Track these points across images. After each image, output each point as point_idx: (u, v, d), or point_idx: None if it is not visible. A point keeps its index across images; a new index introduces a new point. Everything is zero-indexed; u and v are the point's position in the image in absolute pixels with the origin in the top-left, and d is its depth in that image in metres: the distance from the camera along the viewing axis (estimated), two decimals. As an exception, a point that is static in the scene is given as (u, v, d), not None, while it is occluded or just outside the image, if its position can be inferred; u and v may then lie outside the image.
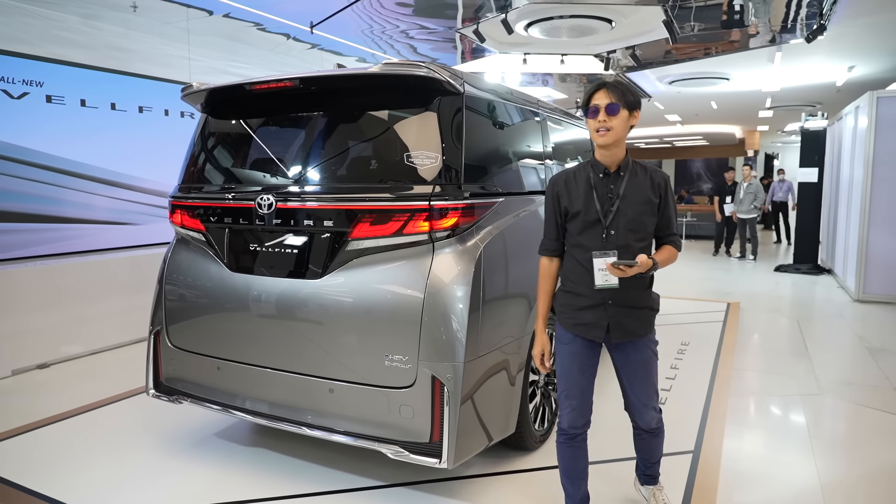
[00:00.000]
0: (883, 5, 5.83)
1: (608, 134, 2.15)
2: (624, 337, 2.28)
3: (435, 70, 2.52)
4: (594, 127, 2.17)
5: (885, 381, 4.48)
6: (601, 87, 2.17)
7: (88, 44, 5.48)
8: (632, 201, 2.21)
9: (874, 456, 3.31)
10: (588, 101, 2.19)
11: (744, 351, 5.27)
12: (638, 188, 2.23)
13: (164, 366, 3.17)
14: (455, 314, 2.46)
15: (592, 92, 2.19)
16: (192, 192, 3.09)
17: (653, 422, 2.40)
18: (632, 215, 2.21)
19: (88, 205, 5.45)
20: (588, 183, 2.26)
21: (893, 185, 7.24)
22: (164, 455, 3.24)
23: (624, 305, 2.25)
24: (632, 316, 2.27)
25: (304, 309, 2.70)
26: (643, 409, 2.37)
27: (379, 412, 2.54)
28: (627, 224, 2.21)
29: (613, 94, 2.15)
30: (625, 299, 2.24)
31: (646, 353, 2.33)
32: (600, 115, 2.14)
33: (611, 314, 2.25)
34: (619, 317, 2.25)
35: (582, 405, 2.33)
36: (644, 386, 2.35)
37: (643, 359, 2.33)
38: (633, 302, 2.26)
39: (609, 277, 2.15)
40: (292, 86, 2.76)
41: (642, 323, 2.30)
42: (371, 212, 2.54)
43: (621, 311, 2.25)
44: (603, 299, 2.24)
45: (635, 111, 2.20)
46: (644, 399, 2.36)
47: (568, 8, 5.78)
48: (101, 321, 5.23)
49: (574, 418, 2.33)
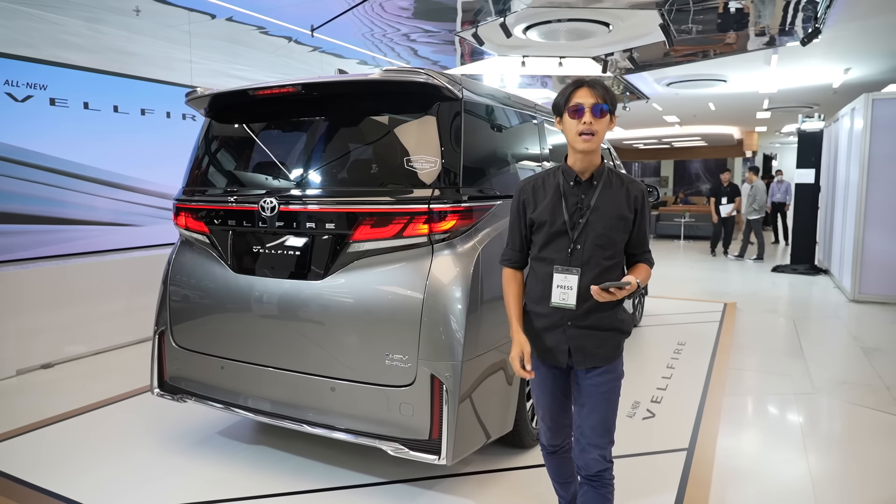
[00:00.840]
0: (877, 9, 5.90)
1: (592, 139, 1.94)
2: (585, 363, 2.02)
3: (434, 76, 2.59)
4: (577, 129, 1.94)
5: (878, 380, 4.54)
6: (582, 86, 1.96)
7: (91, 47, 5.54)
8: (603, 214, 1.99)
9: (866, 453, 3.37)
10: (567, 99, 1.97)
11: (739, 351, 5.33)
12: (612, 200, 2.01)
13: (169, 365, 3.23)
14: (454, 314, 2.52)
15: (573, 90, 1.97)
16: (196, 195, 3.15)
17: (595, 465, 2.04)
18: (602, 229, 1.99)
19: (91, 206, 5.51)
20: (557, 191, 2.04)
21: (889, 187, 7.31)
22: (169, 453, 3.30)
23: (585, 327, 2.01)
24: (594, 338, 2.01)
25: (307, 309, 2.76)
26: (588, 448, 2.04)
27: (379, 410, 2.60)
28: (596, 239, 1.99)
29: (599, 93, 1.94)
30: (587, 320, 2.01)
31: (606, 385, 2.03)
32: (585, 117, 1.92)
33: (570, 336, 2.02)
34: (579, 339, 2.01)
35: (557, 426, 2.18)
36: (596, 422, 2.03)
37: (601, 391, 2.03)
38: (597, 323, 2.01)
39: (567, 296, 1.97)
40: (294, 91, 2.82)
41: (607, 347, 2.03)
42: (372, 215, 2.60)
43: (583, 334, 2.01)
44: (562, 320, 2.02)
45: (614, 115, 2.03)
46: (591, 437, 2.04)
47: (565, 12, 5.84)
48: (104, 321, 5.29)
49: (550, 437, 2.22)
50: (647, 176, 26.86)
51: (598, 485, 2.07)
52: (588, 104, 1.93)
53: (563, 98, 1.99)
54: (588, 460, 2.05)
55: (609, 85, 10.74)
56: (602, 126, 1.95)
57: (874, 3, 5.73)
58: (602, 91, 1.95)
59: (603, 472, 2.06)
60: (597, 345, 2.02)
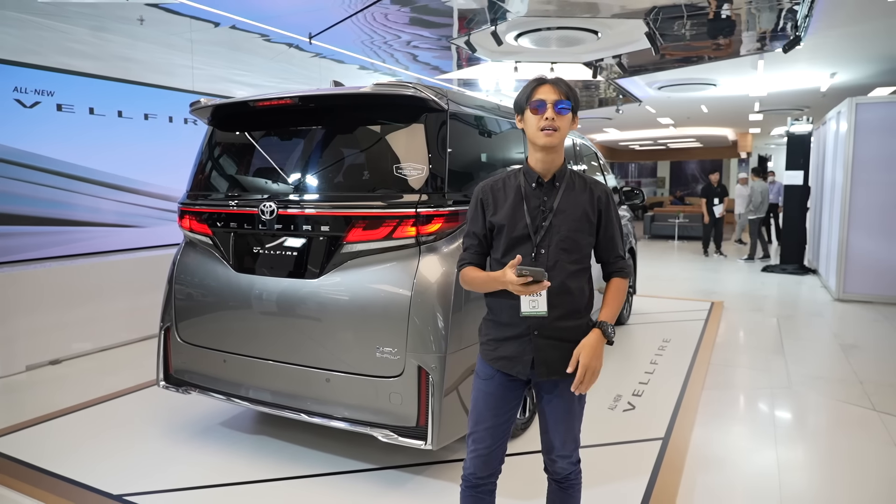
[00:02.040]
0: (855, 18, 6.11)
1: (555, 134, 1.88)
2: (549, 374, 1.95)
3: (421, 90, 2.79)
4: (539, 125, 1.88)
5: (852, 375, 4.74)
6: (545, 83, 1.92)
7: (97, 54, 5.74)
8: (567, 216, 1.93)
9: (831, 443, 3.58)
10: (529, 96, 1.93)
11: (722, 348, 5.53)
12: (575, 202, 1.95)
13: (174, 359, 3.43)
14: (439, 310, 2.73)
15: (535, 87, 1.93)
16: (200, 199, 3.35)
17: (563, 471, 2.07)
18: (566, 233, 1.93)
19: (96, 208, 5.70)
20: (518, 193, 1.97)
21: (872, 189, 7.51)
22: (174, 442, 3.50)
23: (552, 338, 1.93)
24: (560, 350, 1.92)
25: (304, 306, 2.97)
26: (558, 459, 2.06)
27: (371, 399, 2.81)
28: (560, 242, 1.92)
29: (561, 90, 1.90)
30: (554, 331, 1.93)
31: (572, 399, 1.99)
32: (548, 113, 1.87)
33: (536, 347, 1.94)
34: (545, 350, 1.93)
35: (489, 452, 2.01)
36: (563, 430, 2.02)
37: (567, 402, 1.99)
38: (565, 335, 1.93)
39: (537, 304, 1.87)
40: (292, 103, 3.02)
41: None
42: (364, 218, 2.81)
43: (549, 345, 1.93)
44: (528, 329, 1.94)
45: (576, 115, 1.97)
46: (560, 450, 2.04)
47: (555, 20, 6.05)
48: (109, 319, 5.49)
49: (478, 465, 2.02)
50: (644, 177, 27.08)
51: (566, 485, 2.11)
52: (550, 100, 1.88)
53: (525, 94, 1.95)
54: (557, 469, 2.07)
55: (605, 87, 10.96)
56: (564, 123, 1.90)
57: (852, 13, 5.94)
58: (565, 88, 1.91)
59: (570, 475, 2.09)
60: (563, 356, 1.92)
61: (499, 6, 5.78)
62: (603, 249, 2.03)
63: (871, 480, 3.11)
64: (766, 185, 11.33)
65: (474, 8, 5.91)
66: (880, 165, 7.42)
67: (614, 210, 2.01)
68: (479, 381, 2.06)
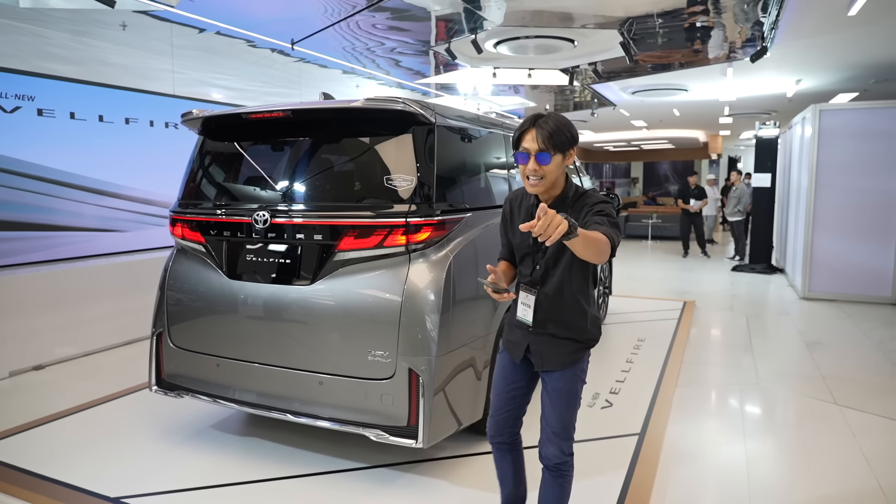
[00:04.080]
0: (819, 29, 6.40)
1: (540, 183, 2.02)
2: (543, 365, 2.20)
3: (409, 104, 2.92)
4: (524, 174, 2.03)
5: (816, 371, 4.99)
6: (531, 127, 2.00)
7: (77, 59, 5.73)
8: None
9: (796, 435, 3.80)
10: (518, 141, 2.04)
11: (694, 346, 5.76)
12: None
13: (166, 364, 3.50)
14: (429, 315, 2.86)
15: (524, 129, 2.02)
16: (191, 208, 3.43)
17: (553, 458, 2.23)
18: (558, 253, 2.11)
19: (78, 213, 5.69)
20: (528, 212, 2.18)
21: (835, 192, 7.84)
22: (166, 445, 3.57)
23: (545, 334, 2.18)
24: (551, 345, 2.17)
25: (298, 312, 3.07)
26: (549, 439, 2.23)
27: (363, 400, 2.93)
28: (554, 260, 2.12)
29: (543, 137, 1.97)
30: (544, 328, 2.17)
31: (564, 385, 2.19)
32: (530, 164, 1.99)
33: (531, 340, 2.21)
34: (538, 344, 2.19)
35: (501, 416, 2.32)
36: (554, 417, 2.21)
37: (559, 390, 2.20)
38: (554, 332, 2.17)
39: (526, 314, 2.16)
40: (284, 115, 3.13)
41: (562, 354, 2.17)
42: (355, 227, 2.93)
43: (540, 339, 2.19)
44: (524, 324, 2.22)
45: (570, 150, 2.03)
46: (549, 431, 2.23)
47: (533, 29, 6.22)
48: (93, 324, 5.50)
49: (492, 426, 2.35)
50: (619, 177, 27.52)
51: (556, 475, 2.27)
52: (532, 150, 1.98)
53: (516, 136, 2.06)
54: (549, 451, 2.24)
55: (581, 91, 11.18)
56: (550, 168, 1.99)
57: (816, 25, 6.23)
58: (546, 134, 1.96)
59: (561, 465, 2.24)
60: (552, 351, 2.17)
61: (476, 15, 5.92)
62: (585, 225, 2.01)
63: (834, 470, 3.33)
64: (743, 187, 11.57)
65: (452, 14, 6.04)
66: (842, 169, 7.75)
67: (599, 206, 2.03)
68: (498, 355, 2.39)
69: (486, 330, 3.29)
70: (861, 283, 7.79)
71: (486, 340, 3.29)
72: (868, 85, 9.69)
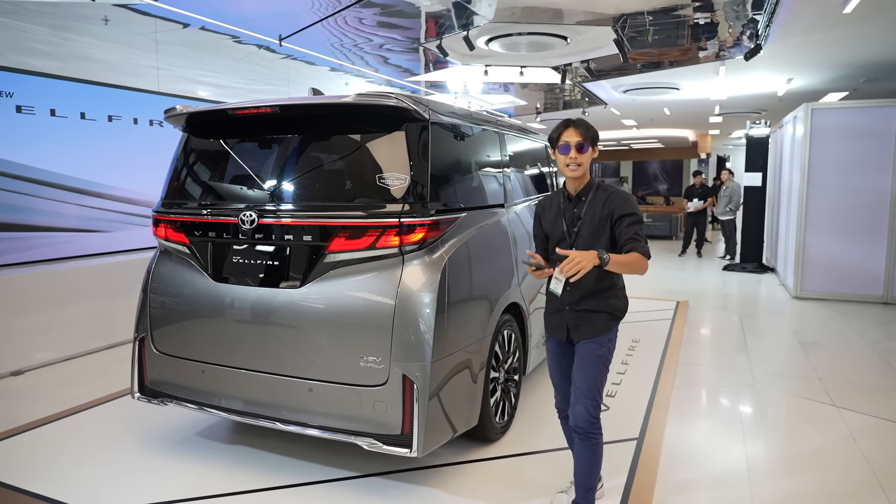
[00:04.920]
0: (811, 28, 6.36)
1: (578, 168, 2.49)
2: (579, 337, 2.57)
3: (403, 100, 2.81)
4: (565, 162, 2.50)
5: (812, 371, 4.94)
6: (569, 126, 2.50)
7: (58, 54, 5.57)
8: (589, 222, 2.51)
9: (795, 437, 3.74)
10: (557, 138, 2.51)
11: (689, 346, 5.70)
12: (595, 211, 2.51)
13: (149, 370, 3.36)
14: (423, 319, 2.75)
15: (562, 130, 2.51)
16: (175, 208, 3.30)
17: (582, 420, 2.52)
18: (587, 235, 2.51)
19: (59, 213, 5.53)
20: (558, 208, 2.62)
21: (827, 191, 7.82)
22: (149, 455, 3.44)
23: (581, 310, 2.55)
24: (586, 319, 2.55)
25: (287, 316, 2.95)
26: (575, 402, 2.55)
27: (355, 408, 2.81)
28: (584, 243, 2.51)
29: (581, 132, 2.47)
30: (579, 306, 2.55)
31: (593, 350, 2.54)
32: (571, 153, 2.47)
33: (566, 318, 2.58)
34: (574, 321, 2.56)
35: (566, 391, 2.70)
36: (582, 379, 2.53)
37: (588, 354, 2.55)
38: (588, 306, 2.54)
39: (556, 287, 2.51)
40: (272, 111, 3.00)
41: (597, 325, 2.55)
42: (347, 228, 2.81)
43: (576, 316, 2.56)
44: (562, 304, 2.57)
45: (596, 146, 2.54)
46: (577, 392, 2.55)
47: (526, 26, 6.13)
48: (74, 327, 5.34)
49: (559, 402, 2.76)
50: (607, 176, 27.54)
51: (584, 437, 2.54)
52: (573, 142, 2.48)
53: (555, 135, 2.54)
54: (577, 411, 2.53)
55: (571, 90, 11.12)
56: (585, 158, 2.49)
57: (810, 23, 6.18)
58: (584, 130, 2.48)
59: (588, 427, 2.52)
60: (588, 324, 2.55)
61: (467, 10, 5.82)
62: (618, 237, 2.48)
63: (836, 473, 3.26)
64: (734, 186, 11.55)
65: (442, 11, 5.94)
66: (834, 168, 7.73)
67: (630, 208, 2.48)
68: (547, 343, 2.78)
69: (482, 333, 3.19)
70: (853, 282, 7.78)
71: (482, 343, 3.19)
72: (858, 84, 9.70)
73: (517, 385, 3.79)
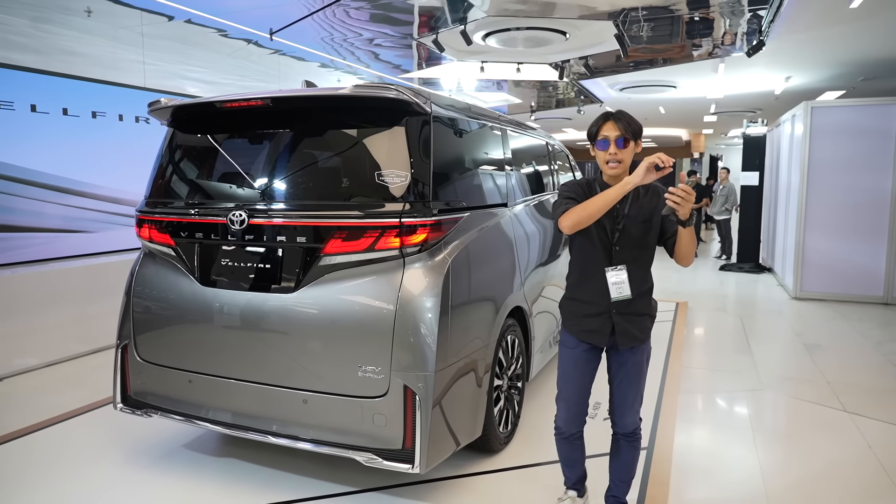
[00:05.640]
0: (815, 24, 6.25)
1: (619, 166, 2.29)
2: (628, 343, 2.37)
3: (403, 92, 2.63)
4: (605, 159, 2.29)
5: (819, 375, 4.82)
6: (608, 119, 2.28)
7: (39, 48, 5.35)
8: (634, 220, 2.34)
9: (809, 447, 3.59)
10: (597, 132, 2.31)
11: (692, 349, 5.56)
12: (640, 207, 2.35)
13: (133, 379, 3.17)
14: (426, 326, 2.57)
15: (601, 124, 2.30)
16: (160, 207, 3.11)
17: (632, 425, 2.48)
18: (634, 233, 2.34)
19: (40, 212, 5.32)
20: None
21: (826, 190, 7.72)
22: (133, 469, 3.24)
23: (628, 313, 2.37)
24: (634, 323, 2.38)
25: (279, 322, 2.77)
26: (627, 412, 2.45)
27: (352, 421, 2.64)
28: (630, 241, 2.34)
29: (622, 126, 2.26)
30: (629, 307, 2.36)
31: (640, 358, 2.43)
32: (611, 148, 2.27)
33: (615, 321, 2.37)
34: (623, 324, 2.36)
35: (578, 408, 2.47)
36: (633, 389, 2.44)
37: (637, 363, 2.42)
38: (636, 309, 2.38)
39: (622, 290, 2.32)
40: (263, 104, 2.82)
41: (643, 330, 2.41)
42: (343, 228, 2.63)
43: (625, 319, 2.37)
44: (608, 308, 2.36)
45: (639, 140, 2.33)
46: (629, 401, 2.44)
47: (525, 21, 5.96)
48: (56, 331, 5.12)
49: (569, 419, 2.49)
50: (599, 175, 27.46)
51: (632, 439, 2.51)
52: (612, 137, 2.27)
53: (595, 129, 2.33)
54: (628, 420, 2.46)
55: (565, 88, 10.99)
56: (627, 153, 2.30)
57: (815, 18, 6.07)
58: (624, 124, 2.27)
59: (636, 430, 2.50)
60: (635, 328, 2.38)
61: (463, 4, 5.66)
62: (664, 231, 2.38)
63: (854, 484, 3.13)
64: (730, 185, 11.46)
65: (436, 6, 5.77)
66: (834, 167, 7.63)
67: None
68: (565, 350, 2.49)
69: (486, 339, 3.02)
70: (853, 282, 7.69)
71: (487, 350, 3.02)
72: (856, 83, 9.62)
73: (520, 392, 3.63)
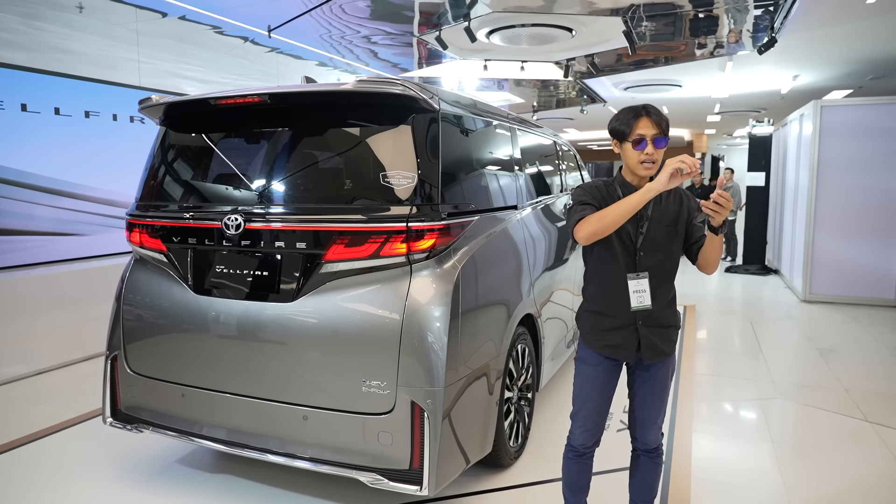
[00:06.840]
0: (828, 20, 6.09)
1: (653, 167, 2.11)
2: (654, 357, 2.23)
3: (410, 87, 2.46)
4: (640, 159, 2.09)
5: (836, 382, 4.66)
6: (642, 115, 2.08)
7: (30, 45, 5.18)
8: (660, 223, 2.18)
9: (833, 460, 3.43)
10: (630, 130, 2.09)
11: (703, 355, 5.40)
12: (665, 210, 2.19)
13: (123, 393, 3.00)
14: (434, 338, 2.41)
15: (634, 121, 2.08)
16: (152, 210, 2.93)
17: (655, 442, 2.37)
18: (659, 237, 2.18)
19: (30, 215, 5.15)
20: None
21: (837, 191, 7.56)
22: (124, 486, 3.07)
23: (654, 325, 2.21)
24: (660, 335, 2.23)
25: (278, 334, 2.60)
26: (650, 427, 2.33)
27: (356, 439, 2.47)
28: (655, 245, 2.18)
29: (658, 124, 2.08)
30: (655, 319, 2.21)
31: (665, 373, 2.30)
32: (648, 148, 2.07)
33: (641, 334, 2.20)
34: (650, 337, 2.20)
35: (595, 426, 2.33)
36: (657, 404, 2.31)
37: (662, 378, 2.29)
38: (662, 321, 2.23)
39: (643, 299, 2.16)
40: (260, 101, 2.65)
41: (669, 342, 2.27)
42: (346, 233, 2.46)
43: (651, 331, 2.21)
44: (634, 320, 2.20)
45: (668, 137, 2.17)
46: (653, 417, 2.32)
47: (530, 17, 5.80)
48: (46, 338, 4.95)
49: (587, 438, 2.34)
50: (601, 176, 27.37)
51: (655, 455, 2.40)
52: (650, 136, 2.08)
53: (626, 127, 2.11)
54: (652, 437, 2.35)
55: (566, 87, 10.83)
56: (661, 154, 2.12)
57: (828, 14, 5.91)
58: (661, 122, 2.09)
59: (659, 446, 2.40)
60: (662, 340, 2.24)
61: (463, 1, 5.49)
62: (689, 235, 2.26)
63: (881, 499, 2.96)
64: (736, 185, 11.30)
65: (436, 2, 5.60)
66: (844, 168, 7.47)
67: (694, 203, 2.25)
68: (585, 367, 2.32)
69: (497, 350, 2.85)
70: (863, 284, 7.53)
71: (497, 361, 2.85)
72: (864, 82, 9.47)
73: (530, 403, 3.46)
